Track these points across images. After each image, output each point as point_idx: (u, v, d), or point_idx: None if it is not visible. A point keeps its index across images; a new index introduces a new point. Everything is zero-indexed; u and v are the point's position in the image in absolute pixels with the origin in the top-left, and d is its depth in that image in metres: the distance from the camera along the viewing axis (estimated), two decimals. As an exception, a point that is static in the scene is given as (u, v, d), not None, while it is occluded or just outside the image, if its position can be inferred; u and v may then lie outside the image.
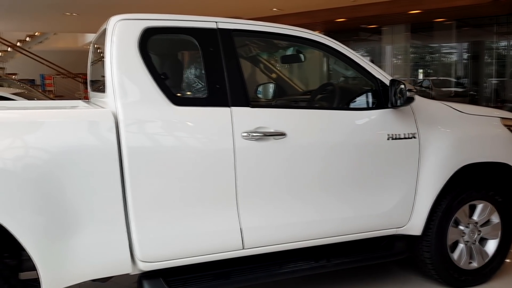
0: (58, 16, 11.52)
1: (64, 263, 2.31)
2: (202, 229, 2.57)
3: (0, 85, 7.65)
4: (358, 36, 14.65)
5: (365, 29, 13.96)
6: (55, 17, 11.68)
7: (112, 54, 2.45)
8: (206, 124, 2.56)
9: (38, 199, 2.22)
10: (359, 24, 12.92)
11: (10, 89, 7.17)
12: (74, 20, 12.21)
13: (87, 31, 16.27)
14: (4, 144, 2.20)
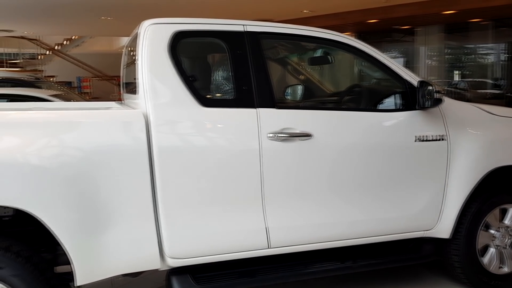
0: (94, 20, 11.88)
1: (96, 258, 2.41)
2: (229, 227, 2.62)
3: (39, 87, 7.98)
4: (391, 37, 14.44)
5: (398, 30, 13.74)
6: (92, 21, 12.05)
7: (143, 57, 2.54)
8: (233, 125, 2.62)
9: (74, 196, 2.33)
10: (392, 25, 12.74)
11: (48, 91, 7.45)
12: (109, 24, 12.55)
13: (122, 34, 16.68)
14: (42, 143, 2.32)
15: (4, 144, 2.27)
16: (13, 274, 2.25)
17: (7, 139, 2.29)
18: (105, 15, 11.07)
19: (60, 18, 11.43)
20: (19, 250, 2.32)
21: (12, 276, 2.25)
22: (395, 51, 14.90)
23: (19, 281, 2.27)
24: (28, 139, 2.30)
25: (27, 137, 2.30)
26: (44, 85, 9.10)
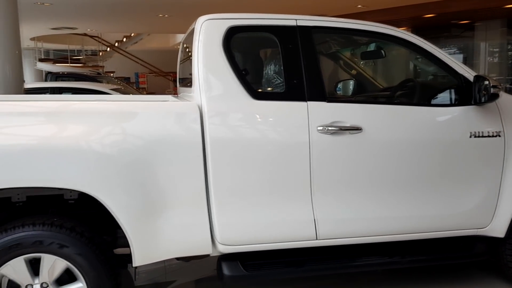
0: (152, 18, 12.30)
1: (153, 241, 2.55)
2: (278, 218, 2.69)
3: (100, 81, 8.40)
4: (449, 32, 13.92)
5: (456, 25, 13.23)
6: (150, 18, 12.48)
7: (198, 51, 2.65)
8: (283, 117, 2.68)
9: (134, 182, 2.47)
10: (450, 20, 12.29)
11: (109, 85, 7.84)
12: (166, 22, 12.95)
13: (178, 31, 17.13)
14: (104, 131, 2.47)
15: (69, 132, 2.44)
16: (77, 252, 2.43)
17: (72, 127, 2.45)
18: (162, 12, 11.45)
19: (120, 16, 11.93)
20: (82, 231, 2.50)
21: (76, 254, 2.43)
22: (453, 47, 14.35)
23: (82, 259, 2.44)
24: (91, 127, 2.46)
25: (90, 126, 2.46)
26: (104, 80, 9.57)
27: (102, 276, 2.48)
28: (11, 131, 2.40)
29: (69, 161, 2.39)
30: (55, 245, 2.40)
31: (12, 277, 2.42)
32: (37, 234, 2.38)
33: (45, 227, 2.41)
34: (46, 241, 2.39)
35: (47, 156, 2.36)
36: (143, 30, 17.92)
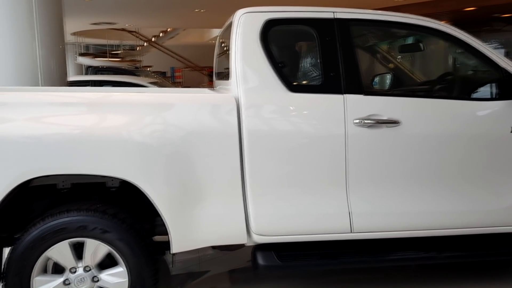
0: (188, 13, 12.47)
1: (190, 229, 2.62)
2: (313, 210, 2.71)
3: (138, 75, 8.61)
4: (490, 26, 13.47)
5: (498, 19, 12.79)
6: (186, 13, 12.65)
7: (236, 44, 2.69)
8: (319, 110, 2.69)
9: (173, 172, 2.54)
10: (491, 13, 11.89)
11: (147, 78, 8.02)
12: (202, 16, 13.08)
13: (213, 26, 17.28)
14: (144, 122, 2.55)
15: (110, 122, 2.52)
16: (118, 238, 2.53)
17: (112, 117, 2.54)
18: (198, 7, 11.58)
19: (158, 11, 12.14)
20: (124, 217, 2.59)
21: (118, 239, 2.53)
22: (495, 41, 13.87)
23: (123, 244, 2.54)
24: (130, 118, 2.54)
25: (130, 116, 2.54)
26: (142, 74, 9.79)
27: (142, 262, 2.57)
28: (56, 121, 2.51)
29: (111, 150, 2.48)
30: (98, 230, 2.50)
31: (57, 260, 2.54)
32: (82, 220, 2.49)
33: (89, 213, 2.52)
34: (89, 226, 2.49)
35: (90, 145, 2.46)
36: (179, 25, 18.18)
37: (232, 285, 3.46)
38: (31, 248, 2.46)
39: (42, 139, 2.43)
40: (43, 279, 2.53)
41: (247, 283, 3.46)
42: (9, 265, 2.48)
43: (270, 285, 3.41)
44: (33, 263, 2.48)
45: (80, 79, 6.96)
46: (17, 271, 2.47)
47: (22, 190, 2.52)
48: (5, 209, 2.50)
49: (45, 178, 2.55)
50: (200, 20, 14.22)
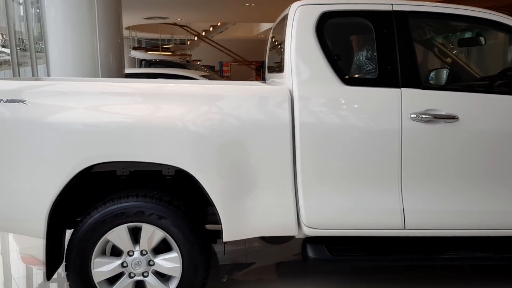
0: (239, 7, 12.55)
1: (241, 219, 2.66)
2: (365, 205, 2.68)
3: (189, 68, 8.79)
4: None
5: None
6: (237, 8, 12.73)
7: (291, 37, 2.70)
8: (374, 103, 2.66)
9: (227, 162, 2.59)
10: (558, 5, 11.19)
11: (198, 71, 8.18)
12: (252, 10, 13.13)
13: (263, 20, 17.29)
14: (198, 112, 2.59)
15: (166, 112, 2.59)
16: (173, 224, 2.61)
17: (167, 107, 2.60)
18: (249, 1, 11.63)
19: (209, 5, 12.30)
20: (179, 205, 2.67)
21: (173, 226, 2.61)
22: (561, 35, 13.02)
23: (177, 231, 2.62)
24: (185, 108, 2.59)
25: (184, 107, 2.60)
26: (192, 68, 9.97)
27: (195, 248, 2.65)
28: (115, 110, 2.60)
29: (167, 139, 2.55)
30: (154, 216, 2.59)
31: (116, 242, 2.65)
32: (139, 205, 2.59)
33: (147, 199, 2.61)
34: (147, 212, 2.59)
35: (147, 134, 2.55)
36: (230, 19, 18.32)
37: (279, 278, 3.49)
38: (92, 231, 2.58)
39: (103, 127, 2.54)
40: (102, 261, 2.66)
41: (293, 277, 3.48)
42: (71, 246, 2.63)
43: (316, 280, 3.41)
44: (94, 244, 2.60)
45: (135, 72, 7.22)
46: (79, 252, 2.61)
47: (84, 176, 2.64)
48: (68, 193, 2.64)
49: (106, 165, 2.67)
50: (250, 14, 14.27)
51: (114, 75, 4.76)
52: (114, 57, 4.83)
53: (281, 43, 3.06)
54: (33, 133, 2.50)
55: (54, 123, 2.51)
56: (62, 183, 2.53)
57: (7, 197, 2.55)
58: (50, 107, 2.54)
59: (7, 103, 2.50)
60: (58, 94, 2.61)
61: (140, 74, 6.82)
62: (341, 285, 3.29)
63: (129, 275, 2.69)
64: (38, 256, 3.93)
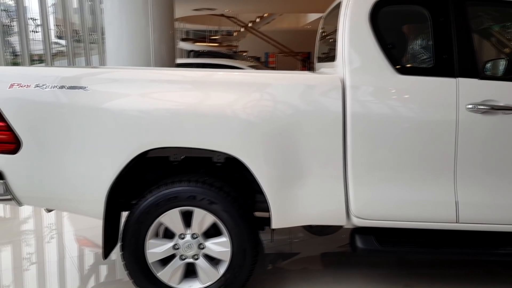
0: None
1: (290, 207, 2.69)
2: (417, 197, 2.64)
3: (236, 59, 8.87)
4: None
5: None
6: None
7: (344, 25, 2.68)
8: (429, 93, 2.60)
9: (277, 150, 2.61)
10: None
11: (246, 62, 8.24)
12: (300, 1, 13.03)
13: (310, 11, 17.12)
14: (247, 100, 2.62)
15: (215, 99, 2.62)
16: (223, 209, 2.67)
17: (216, 95, 2.64)
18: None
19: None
20: (229, 191, 2.73)
21: (223, 211, 2.68)
22: None
23: (227, 216, 2.68)
24: (234, 96, 2.62)
25: (233, 94, 2.63)
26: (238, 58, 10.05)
27: (244, 234, 2.70)
28: (168, 97, 2.66)
29: (219, 126, 2.59)
30: (205, 201, 2.66)
31: (168, 225, 2.75)
32: (191, 190, 2.67)
33: (198, 184, 2.69)
34: (198, 196, 2.66)
35: (199, 121, 2.60)
36: (277, 10, 18.26)
37: (324, 268, 3.49)
38: (146, 213, 2.69)
39: (157, 114, 2.61)
40: (156, 242, 2.76)
41: (339, 267, 3.48)
42: (126, 227, 2.74)
43: (362, 271, 3.40)
44: (148, 226, 2.71)
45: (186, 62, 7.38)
46: (134, 233, 2.72)
47: (139, 161, 2.74)
48: (123, 177, 2.75)
49: (160, 150, 2.76)
50: (298, 5, 14.16)
51: (166, 65, 4.88)
52: (166, 48, 4.95)
53: (332, 32, 3.04)
54: (94, 119, 2.61)
55: (113, 110, 2.61)
56: (119, 167, 2.63)
57: (70, 180, 2.69)
58: (108, 94, 2.64)
59: (69, 89, 2.62)
60: (116, 82, 2.71)
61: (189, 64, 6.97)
62: (388, 278, 3.26)
63: (180, 257, 2.78)
64: (92, 239, 4.13)
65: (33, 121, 2.64)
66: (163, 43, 4.88)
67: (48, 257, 3.77)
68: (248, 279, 2.80)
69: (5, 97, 2.64)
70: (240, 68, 6.58)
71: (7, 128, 2.64)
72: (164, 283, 2.79)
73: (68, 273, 3.46)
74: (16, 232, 4.44)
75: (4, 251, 3.92)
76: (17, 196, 2.76)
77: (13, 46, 9.57)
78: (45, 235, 4.29)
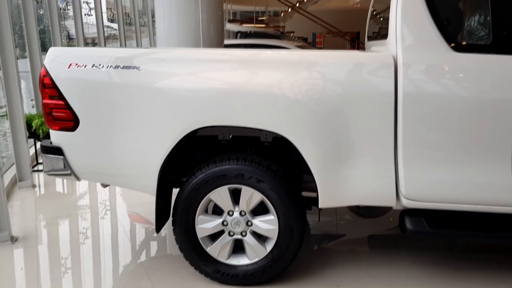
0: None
1: (338, 187, 2.67)
2: (471, 179, 2.55)
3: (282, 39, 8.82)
4: None
5: None
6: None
7: (397, 1, 2.59)
8: (486, 71, 2.49)
9: (324, 130, 2.59)
10: None
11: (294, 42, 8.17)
12: (349, -21, 12.68)
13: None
14: (295, 79, 2.59)
15: (263, 78, 2.62)
16: (271, 188, 2.70)
17: (263, 74, 2.64)
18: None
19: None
20: (276, 170, 2.75)
21: (270, 189, 2.70)
22: None
23: (275, 194, 2.71)
24: (281, 75, 2.60)
25: (281, 73, 2.61)
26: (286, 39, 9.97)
27: (291, 212, 2.72)
28: (216, 76, 2.68)
29: (266, 105, 2.60)
30: (253, 179, 2.70)
31: (217, 202, 2.82)
32: (240, 168, 2.71)
33: (246, 162, 2.72)
34: (246, 175, 2.70)
35: (248, 99, 2.61)
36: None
37: (371, 250, 3.47)
38: (197, 190, 2.76)
39: (205, 93, 2.65)
40: (206, 218, 2.84)
41: (386, 249, 3.44)
42: (177, 203, 2.83)
43: (411, 254, 3.35)
44: (198, 202, 2.79)
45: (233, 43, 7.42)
46: (184, 209, 2.81)
47: (189, 140, 2.81)
48: (174, 155, 2.83)
49: (209, 129, 2.81)
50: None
51: (215, 46, 4.92)
52: (215, 29, 4.98)
53: (384, 10, 2.96)
54: (146, 98, 2.69)
55: (164, 89, 2.67)
56: (170, 145, 2.71)
57: (124, 157, 2.80)
58: (159, 73, 2.70)
59: (123, 69, 2.71)
60: (166, 61, 2.77)
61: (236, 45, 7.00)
62: (437, 261, 3.20)
63: (229, 233, 2.85)
64: (143, 215, 4.30)
65: (89, 100, 2.76)
66: (212, 24, 4.91)
67: (102, 230, 3.96)
68: (295, 257, 2.84)
69: (64, 76, 2.77)
70: (287, 48, 6.54)
71: (66, 106, 2.77)
72: (213, 258, 2.87)
73: (121, 246, 3.62)
74: (73, 206, 4.69)
75: (62, 224, 4.15)
76: (75, 171, 2.91)
77: (68, 30, 9.94)
78: (100, 210, 4.51)
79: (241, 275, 2.85)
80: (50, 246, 3.65)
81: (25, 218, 4.31)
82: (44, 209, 4.55)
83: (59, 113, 2.80)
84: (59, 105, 2.78)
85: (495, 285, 2.87)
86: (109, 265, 3.31)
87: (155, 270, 3.15)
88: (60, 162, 2.88)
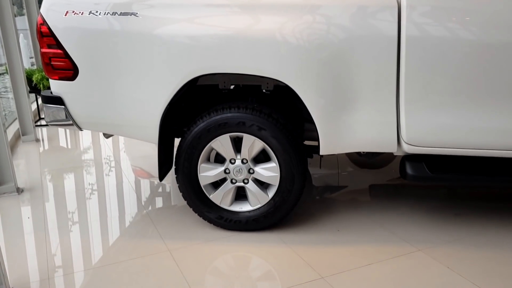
0: None
1: (339, 134, 2.67)
2: (475, 123, 2.53)
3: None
4: None
5: None
6: None
7: None
8: (492, 14, 2.42)
9: (326, 76, 2.56)
10: None
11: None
12: None
13: None
14: (296, 24, 2.53)
15: (262, 24, 2.56)
16: (272, 135, 2.71)
17: (264, 19, 2.57)
18: None
19: None
20: (277, 117, 2.74)
21: (272, 137, 2.71)
22: None
23: (276, 142, 2.71)
24: (283, 20, 2.54)
25: (282, 18, 2.55)
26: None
27: (293, 160, 2.74)
28: (216, 22, 2.61)
29: (269, 51, 2.54)
30: (255, 127, 2.70)
31: (219, 150, 2.83)
32: (241, 116, 2.71)
33: (248, 110, 2.71)
34: (247, 122, 2.70)
35: (249, 46, 2.56)
36: None
37: (372, 199, 3.51)
38: (198, 138, 2.77)
39: (205, 39, 2.59)
40: (208, 166, 2.87)
41: (387, 198, 3.49)
42: (179, 151, 2.85)
43: (411, 202, 3.39)
44: (200, 151, 2.80)
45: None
46: (187, 157, 2.83)
47: (190, 89, 2.78)
48: (175, 104, 2.82)
49: (210, 78, 2.79)
50: None
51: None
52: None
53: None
54: (145, 45, 2.64)
55: (162, 35, 2.62)
56: (171, 94, 2.68)
57: (125, 106, 2.78)
58: (158, 19, 2.63)
59: (121, 16, 2.66)
60: (165, 7, 2.68)
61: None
62: (438, 208, 3.25)
63: (231, 181, 2.88)
64: (147, 169, 4.34)
65: (88, 48, 2.72)
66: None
67: (108, 182, 4.02)
68: (296, 203, 2.88)
69: (61, 25, 2.72)
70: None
71: (65, 55, 2.74)
72: (216, 205, 2.92)
73: (126, 197, 3.68)
74: (77, 160, 4.74)
75: (67, 176, 4.21)
76: (77, 121, 2.91)
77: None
78: (104, 163, 4.55)
79: (244, 221, 2.91)
80: (56, 197, 3.71)
81: (30, 170, 4.37)
82: (49, 162, 4.60)
83: (58, 62, 2.77)
84: (58, 54, 2.75)
85: (494, 229, 2.92)
86: (115, 214, 3.37)
87: (160, 220, 3.21)
88: (61, 112, 2.88)
